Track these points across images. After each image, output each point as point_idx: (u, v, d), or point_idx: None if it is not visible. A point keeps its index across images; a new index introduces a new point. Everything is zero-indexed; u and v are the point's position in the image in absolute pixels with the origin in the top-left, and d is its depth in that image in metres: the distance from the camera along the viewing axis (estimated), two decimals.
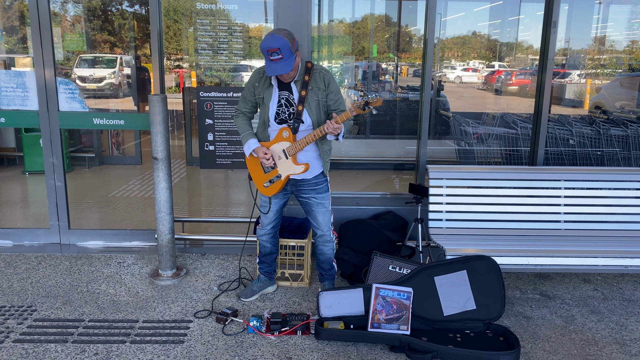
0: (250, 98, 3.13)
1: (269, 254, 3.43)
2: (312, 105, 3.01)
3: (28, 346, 2.80)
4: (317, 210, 3.22)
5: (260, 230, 3.37)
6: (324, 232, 3.29)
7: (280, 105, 3.03)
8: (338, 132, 2.90)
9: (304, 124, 3.02)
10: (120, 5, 8.26)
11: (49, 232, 4.20)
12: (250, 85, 3.11)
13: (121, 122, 3.98)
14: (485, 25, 9.43)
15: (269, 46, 2.77)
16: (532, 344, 2.94)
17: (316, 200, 3.19)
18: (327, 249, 3.36)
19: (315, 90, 3.01)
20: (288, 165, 3.07)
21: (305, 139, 2.99)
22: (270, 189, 3.16)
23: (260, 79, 3.06)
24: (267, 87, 3.04)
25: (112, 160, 7.16)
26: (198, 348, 2.82)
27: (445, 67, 11.12)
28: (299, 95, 3.00)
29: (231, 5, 4.41)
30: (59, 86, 3.94)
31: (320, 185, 3.18)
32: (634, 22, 7.82)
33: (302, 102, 2.99)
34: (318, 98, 3.02)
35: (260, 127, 3.13)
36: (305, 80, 3.00)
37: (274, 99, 3.03)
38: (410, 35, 8.68)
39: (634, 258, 3.21)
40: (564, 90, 8.65)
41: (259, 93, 3.07)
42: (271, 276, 3.48)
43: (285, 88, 3.02)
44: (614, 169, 3.80)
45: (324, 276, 3.45)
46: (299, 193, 3.22)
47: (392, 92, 7.98)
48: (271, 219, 3.30)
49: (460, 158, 5.98)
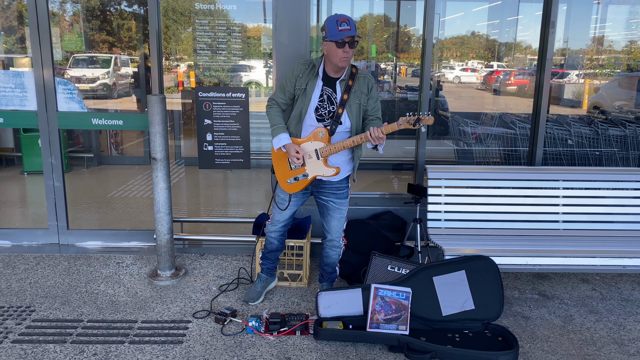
0: (290, 89, 3.04)
1: (276, 250, 3.40)
2: (353, 108, 2.99)
3: (27, 347, 2.80)
4: (333, 214, 3.18)
5: (271, 227, 3.31)
6: (334, 237, 3.25)
7: (323, 99, 2.98)
8: (381, 141, 2.88)
9: (342, 125, 2.99)
10: (119, 5, 8.25)
11: (47, 232, 4.20)
12: (292, 76, 3.03)
13: (120, 122, 3.98)
14: (484, 26, 9.43)
15: (340, 16, 2.84)
16: (530, 344, 2.94)
17: (334, 205, 3.16)
18: (333, 254, 3.32)
19: (357, 93, 3.00)
20: (318, 166, 3.03)
21: (343, 143, 2.95)
22: (294, 186, 3.10)
23: (306, 70, 3.01)
24: (312, 77, 2.99)
25: (111, 160, 7.15)
26: (197, 348, 2.82)
27: (444, 67, 11.13)
28: (341, 97, 2.97)
29: (230, 5, 4.41)
30: (57, 86, 3.94)
31: (342, 190, 3.15)
32: (632, 22, 7.83)
33: (342, 105, 2.96)
34: (360, 102, 3.01)
35: (294, 120, 3.05)
36: (349, 84, 2.98)
37: (317, 91, 2.98)
38: (409, 35, 8.68)
39: (632, 258, 3.22)
40: (563, 90, 8.66)
41: (302, 83, 2.99)
42: (272, 273, 3.47)
43: (330, 85, 2.99)
44: (612, 169, 3.81)
45: (324, 277, 3.44)
46: (319, 194, 3.18)
47: (391, 92, 7.98)
48: (286, 217, 3.26)
49: (459, 158, 5.99)
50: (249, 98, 3.87)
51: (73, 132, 7.06)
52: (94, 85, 8.60)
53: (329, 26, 2.85)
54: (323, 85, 2.99)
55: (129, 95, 9.15)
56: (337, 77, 2.99)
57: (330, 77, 3.00)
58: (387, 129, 2.88)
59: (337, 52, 2.85)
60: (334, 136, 3.00)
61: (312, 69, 3.01)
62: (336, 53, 2.86)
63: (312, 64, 3.02)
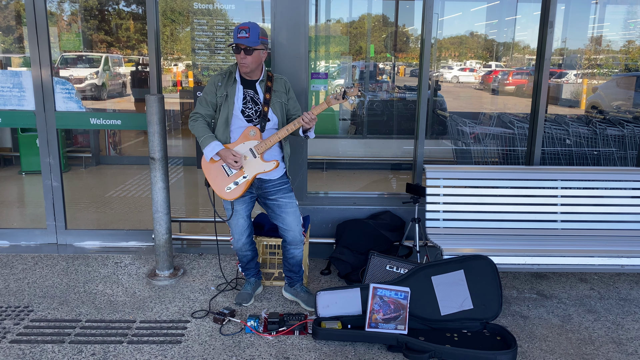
0: (212, 99, 3.07)
1: (252, 259, 3.37)
2: (276, 106, 3.08)
3: (25, 347, 2.79)
4: (287, 210, 3.13)
5: (236, 243, 3.26)
6: (295, 233, 3.16)
7: (247, 101, 3.04)
8: (313, 124, 2.97)
9: (270, 121, 3.05)
10: (117, 4, 8.24)
11: (45, 232, 4.19)
12: (211, 86, 3.07)
13: (118, 122, 3.97)
14: (482, 25, 9.44)
15: (241, 24, 2.92)
16: (529, 343, 2.95)
17: (284, 201, 3.13)
18: (298, 252, 3.25)
19: (278, 93, 3.09)
20: (256, 164, 3.04)
21: (278, 135, 3.00)
22: (234, 191, 3.07)
23: (223, 79, 3.07)
24: (231, 84, 3.05)
25: (110, 160, 7.14)
26: (195, 348, 2.82)
27: (443, 67, 11.14)
28: (263, 96, 3.05)
29: (228, 5, 4.40)
30: (55, 86, 3.93)
31: (285, 185, 3.16)
32: (630, 22, 7.85)
33: (267, 104, 3.04)
34: (281, 101, 3.10)
35: (221, 127, 3.05)
36: (268, 85, 3.07)
37: (239, 94, 3.04)
38: (407, 35, 8.68)
39: (630, 257, 3.23)
40: (561, 90, 8.67)
41: (222, 91, 3.04)
42: (259, 276, 3.48)
43: (250, 87, 3.06)
44: (610, 169, 3.81)
45: (294, 279, 3.35)
46: (265, 196, 3.14)
47: (390, 92, 7.98)
48: (244, 227, 3.21)
49: (458, 158, 5.99)
50: None
51: (71, 132, 7.05)
52: (81, 86, 8.27)
53: (233, 33, 2.94)
54: (244, 88, 3.06)
55: (122, 95, 8.98)
56: (255, 80, 3.06)
57: (248, 80, 3.06)
58: (317, 110, 2.97)
59: (238, 57, 2.94)
60: (264, 133, 3.05)
61: (229, 77, 3.07)
62: (238, 58, 2.95)
63: (229, 71, 3.09)
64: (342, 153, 7.02)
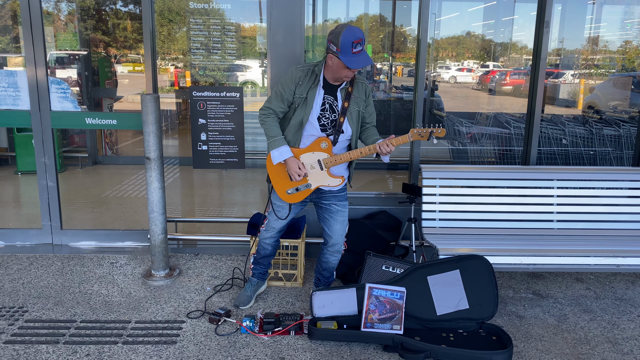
0: (289, 97, 2.89)
1: (269, 256, 3.34)
2: (353, 116, 2.94)
3: (19, 347, 2.78)
4: (336, 217, 3.09)
5: (266, 233, 3.23)
6: (337, 242, 3.15)
7: (325, 108, 2.90)
8: (390, 153, 2.85)
9: (343, 134, 2.94)
10: (115, 4, 8.23)
11: (40, 232, 4.18)
12: (292, 83, 2.87)
13: (113, 121, 3.96)
14: (480, 26, 9.45)
15: (356, 37, 2.67)
16: (524, 343, 2.95)
17: (337, 208, 3.08)
18: (334, 259, 3.24)
19: (357, 100, 2.95)
20: (321, 176, 2.97)
21: (350, 155, 2.90)
22: (295, 196, 3.01)
23: (305, 77, 2.87)
24: (313, 86, 2.87)
25: (106, 160, 7.13)
26: (191, 348, 2.81)
27: (440, 67, 11.15)
28: (342, 105, 2.91)
29: (225, 4, 4.39)
30: (50, 86, 3.92)
31: (342, 193, 3.10)
32: (627, 23, 7.86)
33: (344, 113, 2.91)
34: (359, 108, 2.97)
35: (293, 129, 2.94)
36: (349, 91, 2.92)
37: (318, 100, 2.88)
38: (404, 35, 8.69)
39: (626, 257, 3.23)
40: (558, 90, 8.68)
41: (302, 92, 2.86)
42: (264, 277, 3.44)
43: (331, 93, 2.91)
44: (606, 169, 3.81)
45: (321, 282, 3.37)
46: (319, 200, 3.10)
47: (387, 92, 7.98)
48: (283, 225, 3.18)
49: (454, 158, 6.00)
50: (245, 98, 3.86)
51: (68, 132, 7.03)
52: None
53: (342, 43, 2.68)
54: (325, 94, 2.90)
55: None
56: (338, 85, 2.91)
57: (331, 85, 2.90)
58: (397, 142, 2.84)
59: (344, 71, 2.76)
60: (336, 146, 2.95)
61: (312, 76, 2.88)
62: (342, 71, 2.77)
63: (312, 71, 2.89)
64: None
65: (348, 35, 2.68)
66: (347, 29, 2.70)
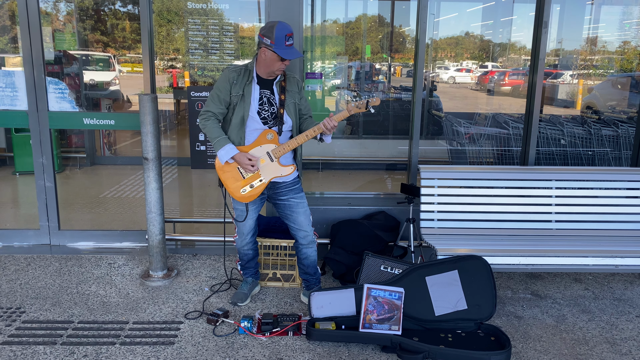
0: (225, 97, 2.97)
1: (252, 259, 3.37)
2: (290, 108, 3.04)
3: (16, 348, 2.77)
4: (298, 210, 3.14)
5: (240, 241, 3.26)
6: (307, 233, 3.19)
7: (263, 102, 2.99)
8: (334, 130, 2.94)
9: (285, 124, 3.02)
10: (113, 5, 8.22)
11: (38, 233, 4.16)
12: (226, 84, 2.95)
13: (111, 122, 3.95)
14: (478, 26, 9.46)
15: (288, 30, 2.85)
16: (523, 344, 2.94)
17: (296, 201, 3.13)
18: (311, 252, 3.26)
19: (291, 93, 3.05)
20: (273, 168, 3.02)
21: (297, 140, 2.98)
22: (250, 194, 3.05)
23: (239, 76, 2.97)
24: (247, 82, 2.97)
25: (104, 160, 7.12)
26: (188, 349, 2.80)
27: (439, 67, 11.15)
28: (279, 97, 3.00)
29: (223, 4, 4.39)
30: (48, 86, 3.91)
31: (296, 185, 3.16)
32: (625, 23, 7.87)
33: (282, 105, 3.00)
34: (295, 101, 3.06)
35: (236, 128, 2.99)
36: (282, 85, 3.02)
37: (255, 95, 2.98)
38: (403, 36, 8.69)
39: (624, 257, 3.22)
40: (556, 90, 8.69)
41: (238, 90, 2.95)
42: (257, 276, 3.46)
43: (267, 87, 3.00)
44: (604, 169, 3.81)
45: (311, 282, 3.35)
46: (276, 197, 3.14)
47: (385, 93, 7.98)
48: (251, 227, 3.22)
49: (452, 158, 6.00)
50: None
51: (66, 132, 7.02)
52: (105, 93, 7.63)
53: (277, 37, 2.82)
54: (260, 89, 2.99)
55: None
56: (272, 79, 3.01)
57: (265, 80, 3.00)
58: (339, 117, 2.95)
59: (278, 63, 2.89)
60: (281, 136, 3.03)
61: (245, 74, 2.98)
62: (276, 64, 2.89)
63: (245, 69, 2.99)
64: (337, 153, 7.01)
65: (281, 29, 2.84)
66: (279, 24, 2.86)
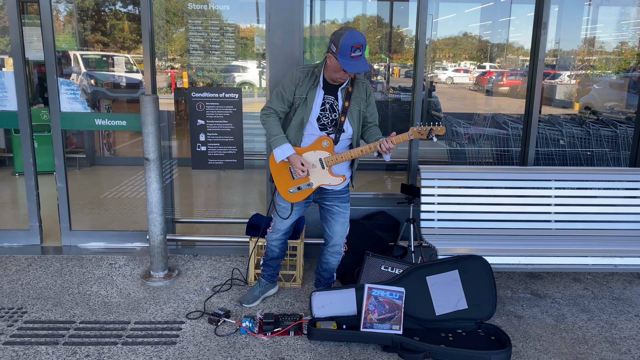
0: (289, 97, 2.93)
1: (277, 258, 3.34)
2: (354, 115, 2.96)
3: (18, 348, 2.78)
4: (337, 219, 3.12)
5: (272, 235, 3.25)
6: (337, 243, 3.18)
7: (325, 109, 2.93)
8: (390, 151, 2.87)
9: (344, 133, 2.96)
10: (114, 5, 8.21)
11: (28, 233, 4.16)
12: (291, 84, 2.92)
13: (123, 122, 3.95)
14: (477, 27, 9.47)
15: (356, 41, 2.69)
16: (523, 343, 2.96)
17: (339, 209, 3.11)
18: (334, 260, 3.26)
19: (357, 99, 2.97)
20: (323, 175, 2.98)
21: (350, 154, 2.92)
22: (297, 195, 3.03)
23: (305, 77, 2.91)
24: (312, 86, 2.91)
25: (104, 161, 7.12)
26: (190, 349, 2.81)
27: (437, 68, 11.16)
28: (342, 104, 2.93)
29: (223, 5, 4.40)
30: (60, 87, 3.90)
31: (345, 194, 3.12)
32: (623, 24, 7.90)
33: (344, 113, 2.93)
34: (360, 108, 2.98)
35: (294, 129, 2.96)
36: (349, 91, 2.94)
37: (318, 100, 2.92)
38: (402, 36, 8.70)
39: (623, 257, 3.24)
40: (555, 90, 8.71)
41: (302, 92, 2.90)
42: (274, 279, 3.43)
43: (332, 93, 2.94)
44: (603, 169, 3.83)
45: (321, 282, 3.38)
46: (322, 200, 3.13)
47: (384, 93, 8.00)
48: (288, 225, 3.20)
49: (452, 158, 6.01)
50: (243, 99, 3.87)
51: (65, 133, 7.01)
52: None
53: (342, 46, 2.70)
54: (324, 94, 2.93)
55: None
56: (338, 85, 2.94)
57: (331, 85, 2.93)
58: (397, 140, 2.85)
59: (340, 72, 2.80)
60: (338, 144, 2.97)
61: (311, 77, 2.92)
62: (338, 72, 2.81)
63: (312, 72, 2.93)
64: None
65: (349, 39, 2.70)
66: (349, 32, 2.72)
